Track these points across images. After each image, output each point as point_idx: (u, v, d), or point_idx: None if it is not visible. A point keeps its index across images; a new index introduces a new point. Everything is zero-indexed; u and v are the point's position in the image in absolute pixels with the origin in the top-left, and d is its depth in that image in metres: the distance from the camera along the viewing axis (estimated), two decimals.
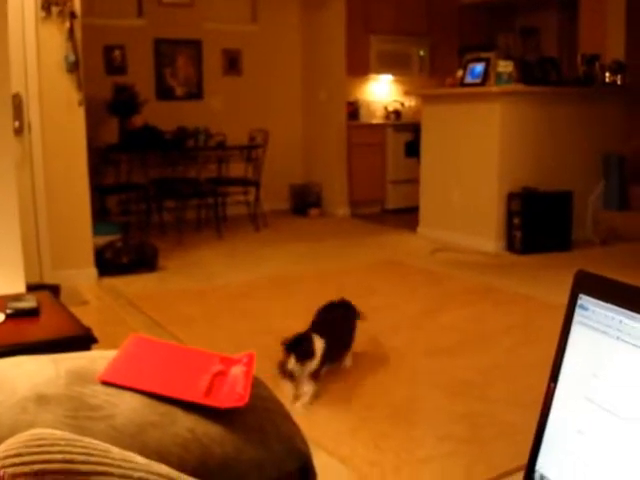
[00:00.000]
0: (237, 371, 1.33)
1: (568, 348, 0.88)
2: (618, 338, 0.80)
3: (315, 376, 2.91)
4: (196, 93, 7.80)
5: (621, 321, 0.80)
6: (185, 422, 1.16)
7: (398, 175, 8.10)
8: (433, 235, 6.49)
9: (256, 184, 7.08)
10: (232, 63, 7.95)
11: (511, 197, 5.84)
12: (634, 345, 0.78)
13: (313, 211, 7.93)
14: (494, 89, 5.83)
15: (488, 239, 5.97)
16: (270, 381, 2.65)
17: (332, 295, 4.55)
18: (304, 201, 8.09)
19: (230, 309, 4.35)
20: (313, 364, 2.87)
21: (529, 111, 5.94)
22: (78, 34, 4.87)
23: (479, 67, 6.07)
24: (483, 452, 2.47)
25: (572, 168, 6.18)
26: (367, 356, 3.48)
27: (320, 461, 2.44)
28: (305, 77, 8.42)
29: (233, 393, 1.25)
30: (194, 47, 7.76)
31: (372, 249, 6.16)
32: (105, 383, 1.20)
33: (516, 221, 5.80)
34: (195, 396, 1.20)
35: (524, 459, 0.95)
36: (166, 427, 1.15)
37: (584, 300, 0.86)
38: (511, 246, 5.89)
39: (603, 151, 6.40)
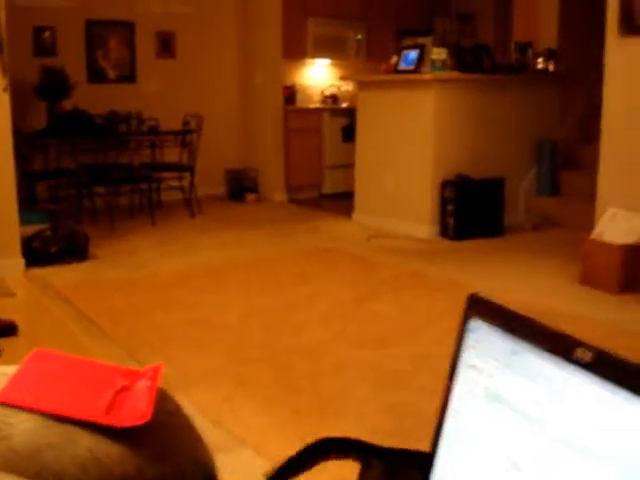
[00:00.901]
0: (141, 386, 1.30)
1: (459, 373, 0.87)
2: (507, 366, 0.80)
3: None
4: (129, 76, 7.63)
5: (512, 350, 0.80)
6: (85, 442, 1.12)
7: (335, 160, 8.10)
8: (368, 221, 6.51)
9: (190, 169, 6.98)
10: (166, 45, 7.79)
11: (445, 184, 5.89)
12: (523, 375, 0.78)
13: (250, 196, 7.88)
14: (427, 76, 5.86)
15: (422, 225, 6.03)
16: (200, 380, 2.60)
17: (263, 284, 4.56)
18: (241, 186, 8.02)
19: (161, 300, 4.29)
20: None
21: (463, 98, 5.99)
22: (2, 15, 4.70)
23: (413, 54, 6.09)
24: (406, 444, 2.49)
25: (505, 155, 6.27)
26: (295, 348, 3.48)
27: (246, 459, 2.44)
28: (241, 60, 8.32)
29: (135, 410, 1.21)
30: (127, 29, 7.58)
31: (307, 236, 6.15)
32: (2, 404, 1.15)
33: (449, 208, 5.86)
34: (95, 415, 1.16)
35: None
36: (65, 448, 1.11)
37: (475, 324, 0.86)
38: (445, 232, 5.96)
39: (536, 138, 6.51)
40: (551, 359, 0.79)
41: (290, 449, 2.29)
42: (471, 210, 5.88)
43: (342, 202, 7.42)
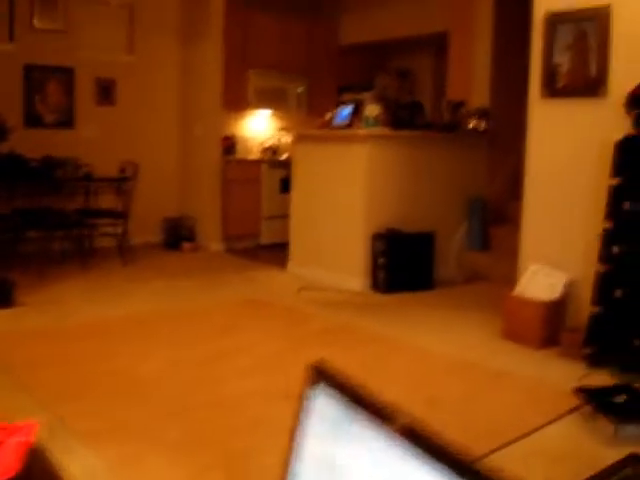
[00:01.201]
0: (13, 442, 1.30)
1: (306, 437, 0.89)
2: (340, 433, 0.82)
3: None
4: (67, 121, 7.58)
5: (345, 418, 0.82)
6: None
7: (273, 211, 8.15)
8: (302, 272, 6.54)
9: (123, 217, 6.93)
10: (106, 92, 7.79)
11: (376, 237, 5.97)
12: (352, 442, 0.80)
13: (186, 245, 7.84)
14: (360, 132, 5.98)
15: (354, 278, 6.08)
16: (111, 434, 2.53)
17: (188, 335, 4.53)
18: (178, 235, 7.99)
19: (83, 350, 4.21)
20: None
21: (396, 154, 6.13)
22: None
23: (347, 109, 6.22)
24: None
25: (437, 210, 6.41)
26: (212, 402, 3.44)
27: None
28: (181, 110, 8.37)
29: (2, 465, 1.22)
30: (66, 74, 7.57)
31: (240, 286, 6.14)
32: None
33: (380, 261, 5.94)
34: None
35: None
36: None
37: (318, 392, 0.88)
38: (376, 285, 6.02)
39: (467, 194, 6.67)
40: (375, 428, 0.81)
41: None
42: (402, 263, 5.96)
43: (279, 252, 7.44)
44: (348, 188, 6.09)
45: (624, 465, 1.91)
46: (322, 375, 0.92)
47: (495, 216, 6.82)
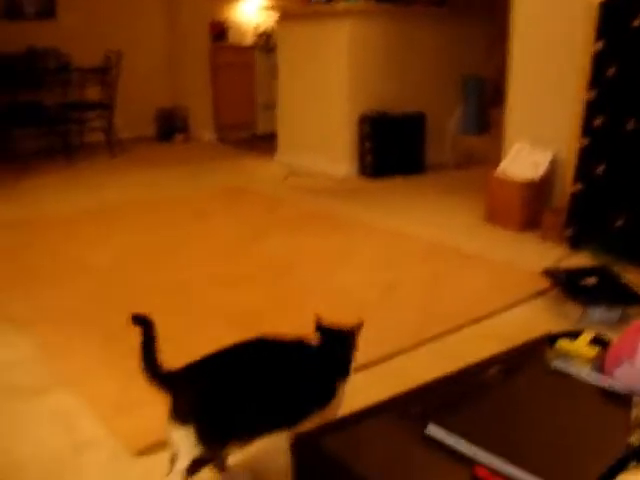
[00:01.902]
0: None
1: None
2: None
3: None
4: (48, 11, 7.28)
5: None
6: None
7: (269, 99, 7.86)
8: (290, 160, 6.34)
9: (109, 108, 6.73)
10: None
11: (362, 120, 5.71)
12: None
13: (178, 137, 7.66)
14: (341, 6, 5.61)
15: (341, 164, 5.87)
16: (50, 319, 2.39)
17: (157, 222, 4.41)
18: (170, 126, 7.79)
19: (44, 239, 4.13)
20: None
21: (381, 31, 5.77)
22: None
23: None
24: None
25: (428, 90, 6.09)
26: (163, 287, 3.34)
27: (58, 400, 2.32)
28: None
29: None
30: None
31: (225, 175, 5.97)
32: None
33: (367, 145, 5.70)
34: None
35: None
36: None
37: None
38: (363, 171, 5.81)
39: (462, 73, 6.32)
40: None
41: (114, 390, 2.15)
42: (390, 147, 5.72)
43: (275, 142, 7.22)
44: (332, 69, 5.79)
45: (535, 345, 1.75)
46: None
47: (494, 96, 6.47)
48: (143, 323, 1.64)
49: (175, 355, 2.59)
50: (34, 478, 1.91)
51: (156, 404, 2.24)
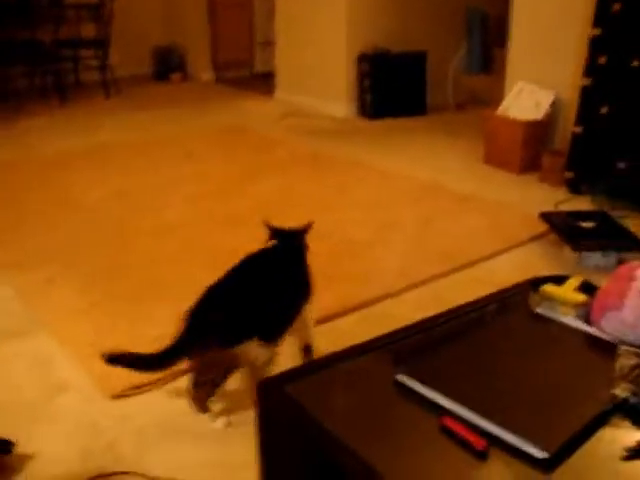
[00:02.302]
0: None
1: None
2: None
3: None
4: None
5: None
6: None
7: (267, 36, 7.65)
8: (289, 100, 6.20)
9: (103, 45, 6.55)
10: None
11: (361, 58, 5.55)
12: None
13: (175, 76, 7.48)
14: None
15: (340, 104, 5.73)
16: (31, 260, 2.30)
17: (148, 163, 4.32)
18: (167, 65, 7.61)
19: (32, 180, 4.05)
20: None
21: None
22: None
23: None
24: None
25: (430, 27, 5.90)
26: (147, 228, 3.27)
27: (38, 343, 2.27)
28: None
29: None
30: None
31: (221, 115, 5.84)
32: None
33: (366, 84, 5.55)
34: None
35: None
36: None
37: None
38: (363, 111, 5.67)
39: (464, 10, 6.10)
40: None
41: (91, 333, 2.09)
42: (390, 87, 5.57)
43: (273, 81, 7.07)
44: (330, 5, 5.59)
45: (519, 290, 1.68)
46: None
47: (498, 35, 6.27)
48: None
49: (167, 297, 2.55)
50: (9, 421, 1.88)
51: (133, 349, 2.19)
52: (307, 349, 2.08)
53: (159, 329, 2.33)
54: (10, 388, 2.03)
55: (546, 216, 3.23)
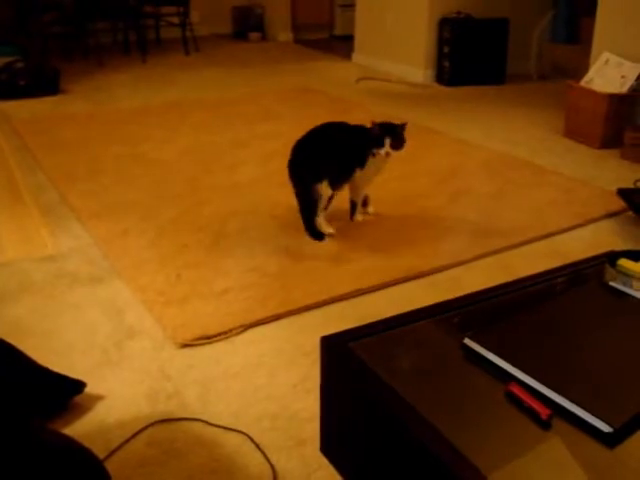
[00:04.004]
0: None
1: None
2: None
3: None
4: None
5: None
6: None
7: None
8: (366, 63, 6.15)
9: (185, 3, 6.60)
10: None
11: (442, 23, 5.44)
12: None
13: (253, 35, 7.50)
14: None
15: (417, 69, 5.65)
16: (109, 212, 2.38)
17: (226, 122, 4.37)
18: (246, 25, 7.63)
19: (110, 134, 4.15)
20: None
21: None
22: None
23: None
24: (284, 287, 2.36)
25: None
26: (221, 185, 3.32)
27: (113, 290, 2.35)
28: None
29: None
30: None
31: (297, 76, 5.84)
32: None
33: (446, 49, 5.44)
34: None
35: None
36: None
37: None
38: (440, 77, 5.58)
39: None
40: None
41: (161, 282, 2.16)
42: (470, 53, 5.45)
43: (352, 44, 7.01)
44: None
45: (594, 263, 1.64)
46: None
47: (588, 3, 6.04)
48: None
49: (235, 252, 2.60)
50: (81, 362, 1.95)
51: (202, 300, 2.25)
52: (353, 204, 2.88)
53: (227, 281, 2.39)
54: (83, 331, 2.10)
55: (624, 193, 3.13)
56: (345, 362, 1.27)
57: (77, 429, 1.69)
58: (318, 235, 2.72)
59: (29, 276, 2.44)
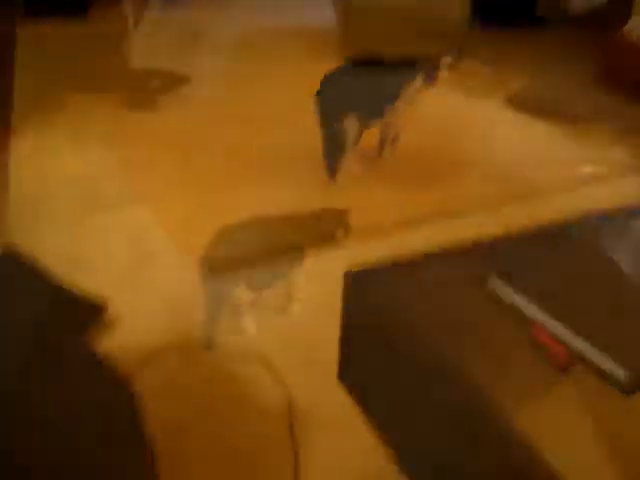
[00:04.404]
0: None
1: None
2: None
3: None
4: None
5: None
6: None
7: None
8: None
9: None
10: None
11: None
12: None
13: None
14: None
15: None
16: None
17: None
18: None
19: None
20: None
21: None
22: None
23: None
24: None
25: None
26: (252, 116, 3.25)
27: (135, 216, 2.36)
28: None
29: None
30: None
31: None
32: None
33: None
34: None
35: None
36: None
37: None
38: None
39: None
40: None
41: (181, 209, 2.14)
42: None
43: None
44: None
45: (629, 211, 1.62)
46: None
47: None
48: None
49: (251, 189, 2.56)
50: (103, 283, 1.97)
51: (216, 227, 2.24)
52: (382, 141, 2.81)
53: (245, 213, 2.36)
54: (106, 253, 2.13)
55: None
56: (367, 297, 1.26)
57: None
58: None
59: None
